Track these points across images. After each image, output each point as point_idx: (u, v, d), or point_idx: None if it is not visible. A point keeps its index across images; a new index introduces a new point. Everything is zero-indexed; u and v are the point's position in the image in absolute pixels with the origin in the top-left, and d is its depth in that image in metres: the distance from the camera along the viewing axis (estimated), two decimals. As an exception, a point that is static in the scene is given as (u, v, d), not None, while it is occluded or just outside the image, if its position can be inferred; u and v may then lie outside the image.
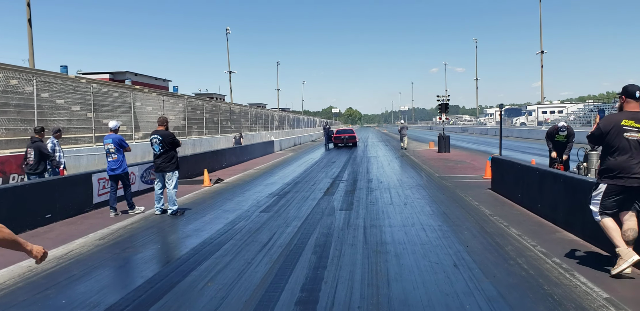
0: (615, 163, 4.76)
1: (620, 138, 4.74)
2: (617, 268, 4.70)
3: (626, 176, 4.70)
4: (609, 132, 4.80)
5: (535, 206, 7.88)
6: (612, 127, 4.79)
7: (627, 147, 4.72)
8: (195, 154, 16.87)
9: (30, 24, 33.90)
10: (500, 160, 10.21)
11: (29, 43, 34.57)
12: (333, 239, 6.63)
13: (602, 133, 4.86)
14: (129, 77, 47.12)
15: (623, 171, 4.71)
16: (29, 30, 34.19)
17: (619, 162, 4.73)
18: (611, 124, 4.81)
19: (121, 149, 9.26)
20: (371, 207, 9.07)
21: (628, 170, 4.69)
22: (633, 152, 4.71)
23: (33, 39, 34.94)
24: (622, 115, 4.84)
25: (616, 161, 4.76)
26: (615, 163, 4.76)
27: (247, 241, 6.70)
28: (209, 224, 7.91)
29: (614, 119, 4.85)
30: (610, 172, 4.80)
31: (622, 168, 4.71)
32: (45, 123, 13.90)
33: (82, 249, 6.55)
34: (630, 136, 4.73)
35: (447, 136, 23.96)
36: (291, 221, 7.96)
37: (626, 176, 4.70)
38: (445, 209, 8.58)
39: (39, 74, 17.36)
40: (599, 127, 4.91)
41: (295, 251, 6.06)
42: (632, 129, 4.74)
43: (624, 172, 4.71)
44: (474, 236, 6.57)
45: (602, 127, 4.86)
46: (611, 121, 4.85)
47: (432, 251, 5.87)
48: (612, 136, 4.78)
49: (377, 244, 6.25)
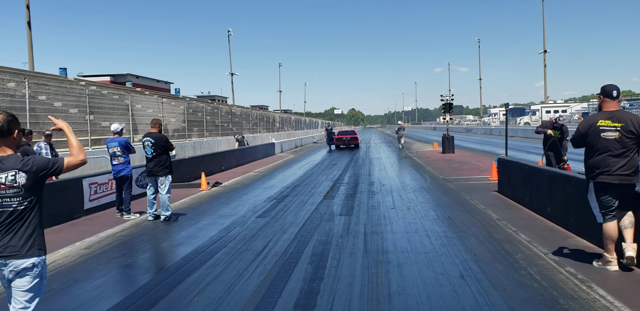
0: (595, 162, 4.92)
1: (598, 138, 4.88)
2: (597, 263, 5.09)
3: (607, 174, 4.85)
4: (587, 134, 4.96)
5: (545, 209, 7.49)
6: (590, 129, 4.94)
7: (605, 147, 4.86)
8: (194, 157, 16.54)
9: (30, 27, 33.75)
10: (507, 161, 9.82)
11: (29, 46, 34.36)
12: (331, 247, 6.26)
13: (582, 135, 5.02)
14: (130, 79, 46.95)
15: (604, 170, 4.86)
16: (29, 33, 33.98)
17: (598, 161, 4.90)
18: (588, 126, 4.96)
19: (127, 152, 8.97)
20: (372, 212, 8.69)
21: (608, 168, 4.85)
22: (611, 151, 4.85)
23: (33, 42, 34.78)
24: (599, 116, 4.98)
25: (595, 160, 4.92)
26: (595, 162, 4.92)
27: (241, 249, 6.33)
28: (202, 231, 7.56)
29: (590, 121, 4.99)
30: (592, 171, 4.98)
31: (602, 166, 4.87)
32: (40, 126, 13.62)
33: (66, 259, 6.20)
34: (607, 135, 4.87)
35: (452, 136, 23.56)
36: (288, 227, 7.60)
37: (607, 174, 4.85)
38: (450, 214, 8.19)
39: (33, 76, 17.09)
40: (578, 129, 5.06)
41: (290, 260, 5.69)
42: (609, 129, 4.86)
43: (604, 170, 4.86)
44: (481, 243, 6.19)
45: (581, 129, 5.02)
46: (588, 122, 5.00)
47: (437, 261, 5.49)
48: (591, 137, 4.93)
49: (378, 253, 5.88)
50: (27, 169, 2.89)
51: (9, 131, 2.93)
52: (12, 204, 2.86)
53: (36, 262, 2.91)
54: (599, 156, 4.91)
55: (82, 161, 3.05)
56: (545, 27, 56.89)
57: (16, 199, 2.87)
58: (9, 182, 2.85)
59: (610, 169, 4.84)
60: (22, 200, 2.88)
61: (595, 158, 4.94)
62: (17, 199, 2.87)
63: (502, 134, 49.52)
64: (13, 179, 2.86)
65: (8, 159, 2.90)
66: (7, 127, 2.91)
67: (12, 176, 2.86)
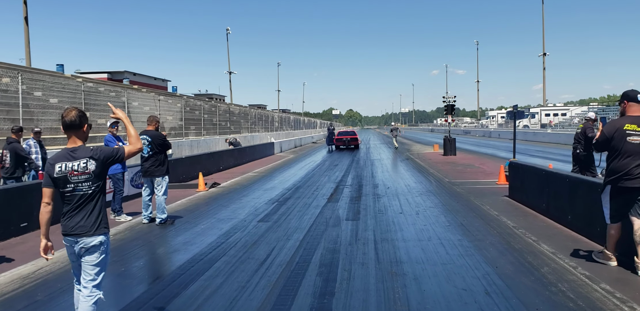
0: (619, 165, 4.94)
1: (624, 142, 4.92)
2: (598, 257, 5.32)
3: (628, 178, 4.88)
4: (612, 137, 4.98)
5: (565, 218, 7.06)
6: (616, 132, 4.98)
7: (631, 151, 4.90)
8: (191, 156, 16.04)
9: (27, 22, 33.23)
10: (520, 165, 9.38)
11: (26, 41, 33.87)
12: (340, 256, 5.81)
13: (607, 138, 5.03)
14: (127, 76, 46.45)
15: (626, 173, 4.89)
16: (25, 28, 33.49)
17: (622, 164, 4.91)
18: (614, 129, 5.00)
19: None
20: (380, 217, 8.24)
21: (631, 172, 4.87)
22: (636, 155, 4.89)
23: (30, 38, 34.28)
24: (625, 120, 5.01)
25: (620, 163, 4.94)
26: (619, 165, 4.94)
27: (242, 257, 5.87)
28: (200, 236, 7.09)
29: (617, 125, 5.02)
30: (613, 174, 4.99)
31: (624, 170, 4.90)
32: (32, 123, 13.13)
33: (54, 266, 5.74)
34: (633, 140, 4.91)
35: (454, 138, 23.13)
36: (292, 233, 7.14)
37: (628, 178, 4.88)
38: (463, 220, 7.75)
39: (28, 71, 16.57)
40: (603, 133, 5.07)
41: (297, 271, 5.24)
42: (635, 133, 4.91)
43: (627, 174, 4.89)
44: (501, 254, 5.75)
45: (606, 132, 5.04)
46: (614, 126, 5.03)
47: (457, 273, 5.05)
48: (616, 141, 4.96)
49: (392, 264, 5.43)
50: (97, 157, 3.33)
51: (80, 125, 3.39)
52: (83, 188, 3.31)
53: (103, 240, 3.37)
54: (622, 159, 4.93)
55: (139, 149, 3.51)
56: (545, 29, 56.58)
57: (87, 184, 3.31)
58: (81, 169, 3.30)
59: (632, 173, 4.87)
60: (91, 185, 3.33)
61: (618, 161, 4.95)
62: (87, 184, 3.31)
63: (501, 137, 49.27)
64: (85, 166, 3.30)
65: (79, 150, 3.35)
66: (78, 122, 3.37)
67: (84, 163, 3.31)
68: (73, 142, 3.39)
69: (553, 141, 34.81)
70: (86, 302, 3.33)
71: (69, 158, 3.32)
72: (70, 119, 3.35)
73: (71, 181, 3.28)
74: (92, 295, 3.34)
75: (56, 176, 3.29)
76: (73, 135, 3.40)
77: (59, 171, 3.29)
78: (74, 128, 3.37)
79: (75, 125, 3.37)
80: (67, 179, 3.28)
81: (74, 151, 3.34)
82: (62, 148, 3.53)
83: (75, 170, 3.28)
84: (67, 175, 3.28)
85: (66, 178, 3.28)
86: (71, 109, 3.39)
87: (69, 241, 3.36)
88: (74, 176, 3.27)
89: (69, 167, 3.29)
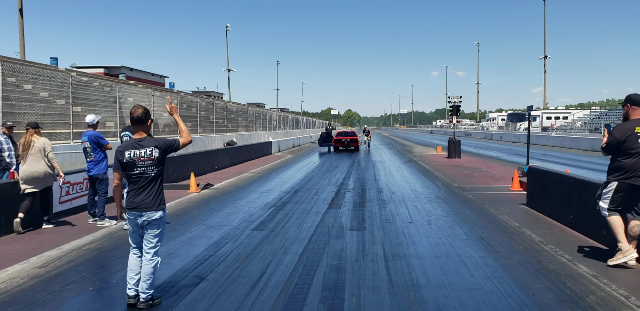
0: (628, 164, 5.16)
1: (637, 143, 5.14)
2: (615, 260, 5.21)
3: (635, 176, 5.12)
4: (625, 140, 5.17)
5: (600, 233, 6.23)
6: (629, 136, 5.17)
7: None
8: (183, 155, 15.18)
9: (22, 15, 32.33)
10: (541, 172, 8.55)
11: (20, 34, 32.93)
12: (346, 276, 4.98)
13: (620, 142, 5.21)
14: (123, 71, 45.60)
15: (635, 172, 5.13)
16: (20, 21, 32.58)
17: (632, 163, 5.14)
18: (627, 133, 5.19)
19: (98, 149, 7.73)
20: (388, 227, 7.41)
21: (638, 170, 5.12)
22: None
23: (24, 31, 33.38)
24: (634, 123, 5.23)
25: (629, 162, 5.16)
26: (628, 164, 5.16)
27: (232, 276, 5.04)
28: (186, 247, 6.26)
29: (628, 128, 5.22)
30: (622, 173, 5.20)
31: (635, 169, 5.13)
32: (14, 117, 12.26)
33: (11, 283, 4.89)
34: None
35: (458, 140, 22.31)
36: (290, 245, 6.31)
37: (635, 176, 5.12)
38: (482, 233, 6.93)
39: (19, 63, 15.69)
40: (614, 137, 5.24)
41: (296, 296, 4.41)
42: None
43: (635, 172, 5.13)
44: (534, 277, 4.93)
45: (618, 136, 5.22)
46: (626, 130, 5.22)
47: (487, 303, 4.22)
48: (629, 143, 5.16)
49: (408, 288, 4.60)
50: (160, 146, 4.13)
51: (145, 120, 4.20)
52: (147, 171, 4.09)
53: (162, 215, 4.21)
54: (634, 159, 5.14)
55: (190, 141, 4.34)
56: (546, 32, 55.82)
57: (151, 168, 4.10)
58: (147, 156, 4.07)
59: None
60: (154, 168, 4.12)
61: (629, 160, 5.16)
62: (151, 168, 4.10)
63: (502, 139, 48.53)
64: (150, 153, 4.08)
65: (145, 140, 4.14)
66: (144, 118, 4.18)
67: (150, 151, 4.09)
68: (140, 134, 4.18)
69: (557, 144, 34.05)
70: (149, 265, 4.15)
71: (137, 146, 4.10)
72: (137, 115, 4.14)
73: (138, 166, 4.07)
74: (153, 258, 4.17)
75: (125, 161, 4.07)
76: (139, 128, 4.19)
77: (128, 157, 4.06)
78: (140, 123, 4.18)
79: (142, 120, 4.18)
80: (134, 164, 4.07)
81: (140, 141, 4.13)
82: (129, 139, 4.31)
83: (142, 156, 4.06)
84: (135, 161, 4.06)
85: (134, 163, 4.07)
86: (138, 107, 4.15)
87: (133, 215, 4.13)
88: (140, 161, 4.06)
89: (136, 154, 4.06)
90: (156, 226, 4.16)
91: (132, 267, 4.23)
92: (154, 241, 4.18)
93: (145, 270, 4.12)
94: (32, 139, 7.28)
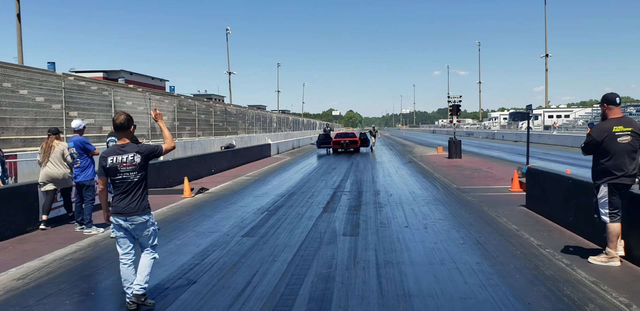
0: (612, 165, 5.13)
1: (615, 143, 5.12)
2: (597, 260, 5.31)
3: (622, 176, 5.12)
4: (603, 140, 5.15)
5: (600, 235, 5.98)
6: (606, 136, 5.15)
7: (622, 151, 5.12)
8: (178, 159, 15.00)
9: (19, 19, 32.27)
10: (540, 172, 8.32)
11: (18, 39, 32.90)
12: (335, 286, 4.76)
13: (597, 142, 5.20)
14: (123, 75, 45.43)
15: (621, 172, 5.11)
16: (18, 26, 32.55)
17: (616, 164, 5.12)
18: (604, 133, 5.17)
19: (85, 154, 7.56)
20: (383, 231, 7.20)
21: (625, 170, 5.12)
22: (627, 154, 5.13)
23: (22, 36, 33.34)
24: (611, 122, 5.21)
25: (613, 163, 5.13)
26: (612, 165, 5.13)
27: (216, 286, 4.83)
28: (172, 256, 6.05)
29: (605, 128, 5.20)
30: (608, 174, 5.19)
31: (619, 169, 5.12)
32: (4, 122, 12.11)
33: (-15, 297, 4.69)
34: (622, 140, 5.13)
35: (459, 140, 22.07)
36: (280, 252, 6.10)
37: (622, 176, 5.12)
38: (479, 237, 6.71)
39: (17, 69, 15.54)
40: (592, 137, 5.24)
41: (280, 309, 4.19)
42: (623, 134, 5.13)
43: (622, 172, 5.11)
44: (531, 284, 4.71)
45: (596, 136, 5.22)
46: (603, 129, 5.20)
47: (481, 314, 4.00)
48: (608, 143, 5.14)
49: (399, 298, 4.38)
50: (142, 152, 4.17)
51: (128, 127, 4.27)
52: (130, 176, 4.14)
53: (146, 218, 4.23)
54: (616, 160, 5.11)
55: (173, 147, 4.40)
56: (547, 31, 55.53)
57: (133, 174, 4.15)
58: (129, 161, 4.12)
59: (627, 171, 5.12)
60: (137, 174, 4.16)
61: (611, 161, 5.13)
62: (134, 173, 4.15)
63: (505, 138, 48.21)
64: (132, 159, 4.13)
65: (127, 146, 4.20)
66: (127, 124, 4.26)
67: (132, 157, 4.14)
68: (123, 140, 4.25)
69: (559, 143, 33.78)
70: (146, 257, 4.31)
71: (119, 152, 4.14)
72: (120, 122, 4.21)
73: (121, 171, 4.12)
74: (151, 252, 4.35)
75: (108, 167, 4.12)
76: (122, 134, 4.26)
77: (111, 163, 4.11)
78: (123, 129, 4.25)
79: (124, 127, 4.24)
80: (117, 170, 4.11)
81: (123, 147, 4.18)
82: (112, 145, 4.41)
83: (124, 162, 4.10)
84: (117, 166, 4.11)
85: (116, 168, 4.11)
86: (120, 114, 4.23)
87: (118, 220, 4.17)
88: (122, 167, 4.10)
89: (119, 159, 4.11)
90: (144, 228, 4.22)
91: (126, 277, 4.24)
92: (149, 241, 4.31)
93: (143, 261, 4.26)
94: (52, 144, 7.79)
